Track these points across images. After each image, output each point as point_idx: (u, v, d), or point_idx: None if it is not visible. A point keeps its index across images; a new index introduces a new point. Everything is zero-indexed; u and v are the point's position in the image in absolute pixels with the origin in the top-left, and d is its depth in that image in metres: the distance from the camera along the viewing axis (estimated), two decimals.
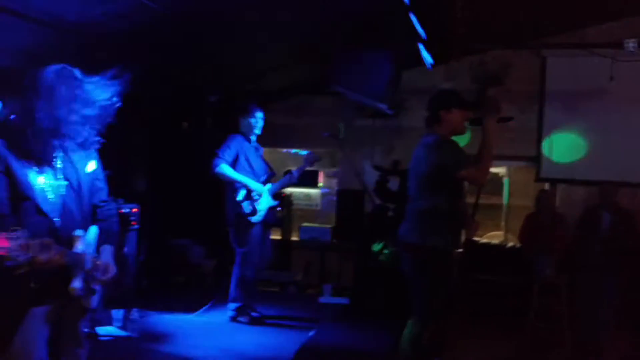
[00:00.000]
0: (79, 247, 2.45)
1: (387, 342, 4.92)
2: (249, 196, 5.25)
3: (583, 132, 6.36)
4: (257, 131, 5.40)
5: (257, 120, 5.37)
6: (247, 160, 5.30)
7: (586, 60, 5.99)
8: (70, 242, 2.42)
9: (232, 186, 5.25)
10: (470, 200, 4.16)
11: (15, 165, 2.31)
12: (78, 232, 2.46)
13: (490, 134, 3.51)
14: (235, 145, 5.27)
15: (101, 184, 2.72)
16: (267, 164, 5.55)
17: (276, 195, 5.43)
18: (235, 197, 5.24)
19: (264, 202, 5.31)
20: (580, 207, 6.01)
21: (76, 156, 2.53)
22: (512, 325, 5.56)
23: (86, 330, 2.85)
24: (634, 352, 5.08)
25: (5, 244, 2.07)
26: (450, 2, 4.44)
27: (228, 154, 5.22)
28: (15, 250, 2.03)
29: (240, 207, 5.21)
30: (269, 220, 5.41)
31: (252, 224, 5.25)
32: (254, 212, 5.24)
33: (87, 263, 2.49)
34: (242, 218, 5.22)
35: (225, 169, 5.16)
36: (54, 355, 2.61)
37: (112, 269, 2.60)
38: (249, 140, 5.39)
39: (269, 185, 5.38)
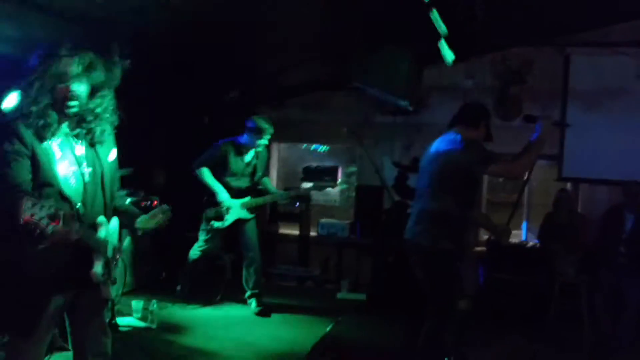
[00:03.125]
0: (101, 233, 2.49)
1: (404, 338, 4.92)
2: (215, 202, 5.36)
3: (606, 131, 6.26)
4: (257, 146, 5.37)
5: (261, 140, 5.30)
6: (227, 171, 5.37)
7: (611, 58, 5.90)
8: (94, 228, 2.47)
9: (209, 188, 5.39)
10: (488, 198, 4.14)
11: (39, 151, 2.34)
12: (100, 219, 2.50)
13: (544, 135, 3.54)
14: (215, 152, 5.36)
15: (118, 174, 2.75)
16: (255, 176, 5.53)
17: (253, 208, 5.47)
18: (205, 198, 5.43)
19: (233, 213, 5.39)
20: (603, 207, 5.94)
21: (98, 144, 2.56)
22: (531, 324, 5.51)
23: (106, 320, 2.89)
24: None
25: None
26: None
27: (208, 159, 5.36)
28: (43, 219, 2.05)
29: (205, 209, 5.44)
30: (236, 223, 5.46)
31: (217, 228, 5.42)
32: (217, 218, 5.39)
33: (108, 250, 2.53)
34: (207, 221, 5.44)
35: (203, 172, 5.32)
36: (78, 343, 2.66)
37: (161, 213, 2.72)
38: (239, 152, 5.39)
39: (247, 199, 5.43)
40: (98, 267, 2.47)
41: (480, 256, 6.30)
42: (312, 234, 7.49)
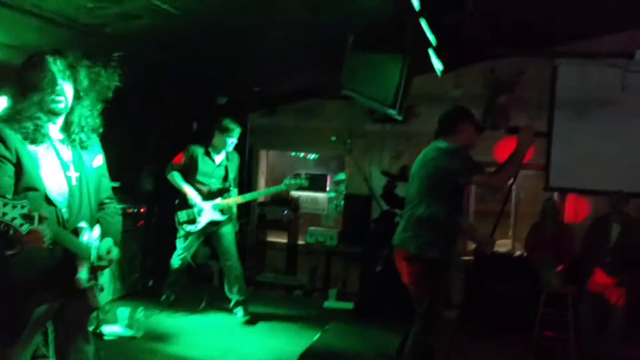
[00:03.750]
0: (84, 238, 2.46)
1: (391, 347, 4.91)
2: (187, 205, 5.40)
3: (593, 142, 6.32)
4: (229, 149, 5.47)
5: (230, 142, 5.40)
6: (196, 173, 5.42)
7: (598, 69, 5.96)
8: (76, 233, 2.44)
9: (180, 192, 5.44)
10: (476, 208, 4.15)
11: (25, 155, 2.32)
12: (82, 224, 2.47)
13: (525, 146, 3.54)
14: (186, 155, 5.43)
15: (107, 181, 2.74)
16: (227, 178, 5.56)
17: (225, 209, 5.46)
18: (177, 202, 5.47)
19: (206, 216, 5.41)
20: (589, 217, 5.98)
21: (83, 149, 2.54)
22: (517, 334, 5.53)
23: (91, 328, 2.86)
24: None
25: None
26: (461, 8, 4.43)
27: (179, 162, 5.42)
28: (16, 219, 2.00)
29: (176, 213, 5.46)
30: (210, 229, 5.48)
31: (191, 232, 5.45)
32: (190, 221, 5.42)
33: (92, 255, 2.49)
34: (180, 225, 5.46)
35: (174, 175, 5.39)
36: (61, 352, 2.62)
37: (115, 250, 2.61)
38: (209, 154, 5.46)
39: (217, 200, 5.44)
40: (82, 273, 2.44)
41: (467, 265, 6.32)
42: (300, 242, 7.47)
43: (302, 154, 8.07)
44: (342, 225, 7.25)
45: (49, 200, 2.36)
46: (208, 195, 5.43)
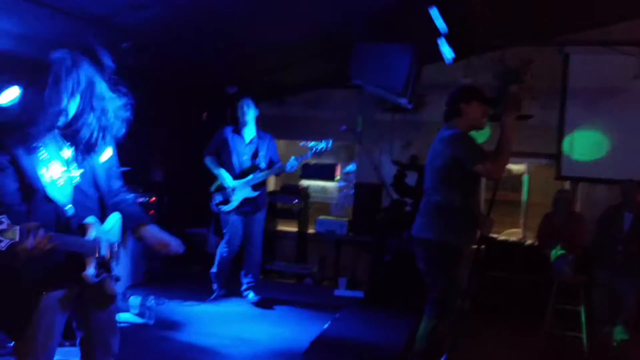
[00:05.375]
0: (91, 234, 2.44)
1: (402, 336, 4.93)
2: (221, 187, 5.56)
3: (605, 130, 6.27)
4: (245, 121, 5.58)
5: (244, 113, 5.55)
6: (229, 151, 5.58)
7: (610, 57, 5.91)
8: (83, 230, 2.43)
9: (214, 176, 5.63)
10: (486, 197, 4.13)
11: (22, 155, 2.30)
12: (90, 220, 2.45)
13: (509, 131, 3.49)
14: (217, 137, 5.65)
15: (117, 171, 2.70)
16: (257, 155, 5.63)
17: (256, 186, 5.56)
18: (213, 188, 5.63)
19: (239, 194, 5.51)
20: (601, 206, 5.94)
21: (91, 152, 2.50)
22: (528, 324, 5.52)
23: None
24: None
25: None
26: None
27: (212, 146, 5.65)
28: None
29: (213, 196, 5.61)
30: (246, 209, 5.58)
31: (227, 212, 5.58)
32: (225, 202, 5.55)
33: (101, 250, 2.48)
34: (216, 206, 5.61)
35: (207, 160, 5.63)
36: (86, 345, 2.60)
37: (171, 242, 2.64)
38: (238, 132, 5.61)
39: (249, 177, 5.52)
40: (90, 270, 2.42)
41: (477, 254, 6.30)
42: (310, 231, 7.49)
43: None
44: (352, 214, 7.25)
45: (49, 199, 2.34)
46: (239, 174, 5.55)
